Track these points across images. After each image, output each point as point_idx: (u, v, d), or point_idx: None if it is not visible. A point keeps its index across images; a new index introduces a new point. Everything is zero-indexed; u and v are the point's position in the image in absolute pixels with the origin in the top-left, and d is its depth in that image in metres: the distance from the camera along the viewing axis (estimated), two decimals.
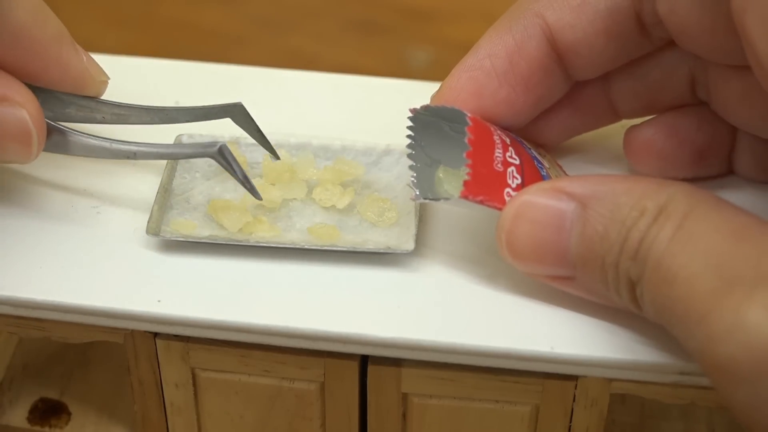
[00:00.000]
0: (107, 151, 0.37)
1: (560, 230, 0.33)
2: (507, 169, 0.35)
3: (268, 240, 0.37)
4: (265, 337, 0.35)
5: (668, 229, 0.31)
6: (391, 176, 0.40)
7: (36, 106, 0.34)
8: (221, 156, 0.37)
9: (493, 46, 0.37)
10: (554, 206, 0.33)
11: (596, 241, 0.33)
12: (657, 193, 0.32)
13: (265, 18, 0.79)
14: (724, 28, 0.35)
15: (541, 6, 0.37)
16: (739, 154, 0.40)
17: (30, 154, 0.35)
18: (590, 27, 0.37)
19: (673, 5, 0.36)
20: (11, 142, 0.34)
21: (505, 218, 0.34)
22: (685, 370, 0.34)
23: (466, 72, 0.38)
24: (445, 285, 0.36)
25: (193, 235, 0.38)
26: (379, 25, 0.79)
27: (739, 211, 0.31)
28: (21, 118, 0.34)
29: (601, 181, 0.33)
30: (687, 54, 0.38)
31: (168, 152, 0.38)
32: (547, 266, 0.34)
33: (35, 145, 0.34)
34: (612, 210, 0.32)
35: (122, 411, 0.42)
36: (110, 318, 0.36)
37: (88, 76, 0.37)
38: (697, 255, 0.30)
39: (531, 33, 0.37)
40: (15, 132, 0.34)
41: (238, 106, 0.38)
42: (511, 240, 0.34)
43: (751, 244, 0.30)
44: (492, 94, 0.37)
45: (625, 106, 0.40)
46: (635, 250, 0.31)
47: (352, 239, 0.38)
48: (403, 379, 0.36)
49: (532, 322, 0.35)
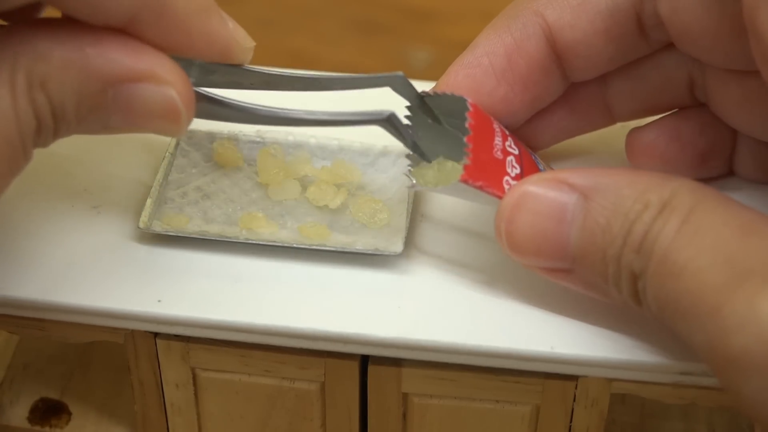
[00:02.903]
0: (260, 118, 0.35)
1: (561, 222, 0.33)
2: (506, 158, 0.35)
3: (257, 237, 0.37)
4: (266, 337, 0.35)
5: (674, 223, 0.31)
6: (387, 178, 0.40)
7: (184, 82, 0.33)
8: (390, 124, 0.35)
9: (492, 44, 0.37)
10: (555, 197, 0.33)
11: (598, 234, 0.32)
12: (661, 186, 0.32)
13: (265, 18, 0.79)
14: (727, 31, 0.35)
15: (541, 5, 0.37)
16: (740, 155, 0.40)
17: (179, 130, 0.33)
18: (590, 27, 0.37)
19: (675, 7, 0.35)
20: (159, 120, 0.33)
21: (504, 207, 0.34)
22: (686, 370, 0.34)
23: (463, 69, 0.37)
24: (444, 285, 0.36)
25: (186, 230, 0.38)
26: (379, 25, 0.79)
27: (743, 207, 0.31)
28: (169, 96, 0.32)
29: (603, 173, 0.33)
30: (685, 57, 0.38)
31: (333, 119, 0.36)
32: (546, 258, 0.34)
33: (184, 121, 0.33)
34: (615, 202, 0.32)
35: (122, 411, 0.42)
36: (110, 318, 0.36)
37: (235, 45, 0.35)
38: (705, 248, 0.30)
39: (530, 32, 0.37)
40: (163, 111, 0.32)
41: (399, 76, 0.36)
42: (511, 230, 0.34)
43: (759, 238, 0.30)
44: (489, 93, 0.37)
45: (622, 108, 0.40)
46: (639, 243, 0.31)
47: (343, 239, 0.38)
48: (404, 379, 0.36)
49: (532, 322, 0.35)
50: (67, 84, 0.31)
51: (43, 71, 0.31)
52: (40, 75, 0.31)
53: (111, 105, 0.32)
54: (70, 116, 0.32)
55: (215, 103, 0.35)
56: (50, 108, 0.31)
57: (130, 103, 0.32)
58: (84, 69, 0.31)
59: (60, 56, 0.31)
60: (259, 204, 0.39)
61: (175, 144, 0.41)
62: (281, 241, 0.37)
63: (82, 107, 0.32)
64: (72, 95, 0.31)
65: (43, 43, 0.31)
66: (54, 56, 0.31)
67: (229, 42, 0.34)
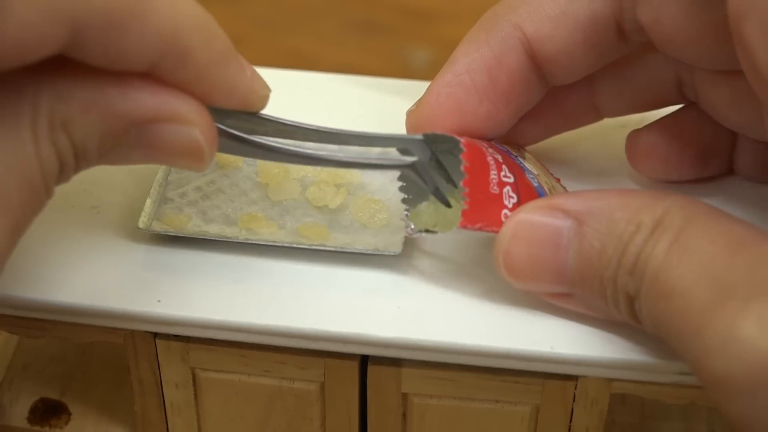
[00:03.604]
0: (284, 156, 0.35)
1: (557, 247, 0.33)
2: (503, 190, 0.35)
3: (257, 237, 0.37)
4: (266, 337, 0.35)
5: (664, 243, 0.31)
6: (386, 178, 0.40)
7: (208, 122, 0.33)
8: (414, 170, 0.36)
9: (472, 60, 0.37)
10: (550, 223, 0.33)
11: (593, 257, 0.33)
12: (653, 207, 0.32)
13: (265, 18, 0.79)
14: (711, 37, 0.34)
15: (519, 17, 0.37)
16: (740, 154, 0.40)
17: (202, 167, 0.33)
18: (570, 38, 0.36)
19: (657, 15, 0.35)
20: (182, 158, 0.33)
21: (502, 238, 0.34)
22: (685, 370, 0.34)
23: (445, 88, 0.37)
24: (444, 286, 0.36)
25: (185, 230, 0.38)
26: (379, 25, 0.79)
27: (735, 223, 0.31)
28: (193, 136, 0.32)
29: (596, 196, 0.33)
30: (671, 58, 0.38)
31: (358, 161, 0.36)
32: (546, 284, 0.34)
33: (207, 159, 0.33)
34: (608, 225, 0.32)
35: (122, 411, 0.42)
36: (110, 318, 0.36)
37: (253, 93, 0.34)
38: (693, 267, 0.30)
39: (509, 45, 0.37)
40: (186, 150, 0.32)
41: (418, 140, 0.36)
42: (509, 260, 0.34)
43: (745, 255, 0.30)
44: (473, 110, 0.37)
45: (609, 106, 0.40)
46: (632, 265, 0.31)
47: (342, 239, 0.38)
48: (403, 379, 0.36)
49: (532, 322, 0.35)
50: (90, 125, 0.31)
51: (64, 113, 0.30)
52: (61, 117, 0.30)
53: (133, 143, 0.32)
54: (91, 155, 0.31)
55: (238, 140, 0.35)
56: (72, 150, 0.31)
57: (154, 142, 0.32)
58: (106, 110, 0.31)
59: (82, 97, 0.30)
60: (259, 204, 0.39)
61: None
62: (281, 241, 0.37)
63: (105, 146, 0.31)
64: (94, 136, 0.31)
65: (63, 83, 0.30)
66: (75, 97, 0.30)
67: (248, 90, 0.34)
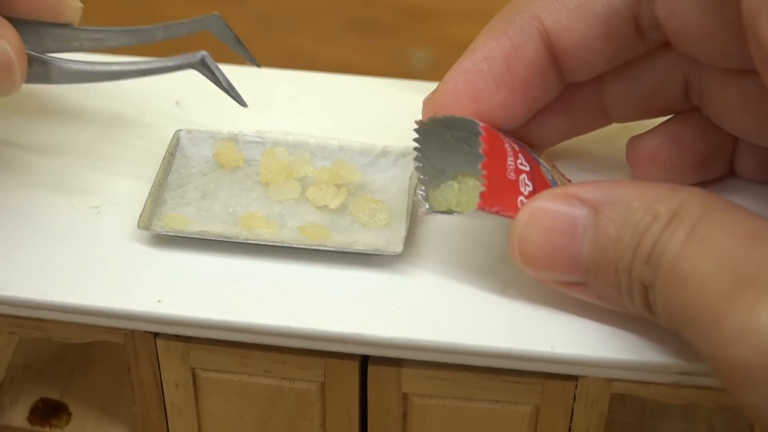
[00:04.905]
0: (89, 75, 0.37)
1: (573, 236, 0.33)
2: (519, 177, 0.35)
3: (257, 237, 0.37)
4: (266, 337, 0.35)
5: (681, 233, 0.31)
6: (387, 178, 0.40)
7: (15, 36, 0.34)
8: (203, 66, 0.36)
9: (490, 49, 0.37)
10: (567, 212, 0.33)
11: (609, 247, 0.33)
12: (670, 198, 0.32)
13: (265, 18, 0.79)
14: (725, 32, 0.35)
15: (537, 8, 0.37)
16: (741, 157, 0.40)
17: (13, 83, 0.35)
18: (587, 30, 0.37)
19: (673, 9, 0.35)
20: None
21: (517, 225, 0.34)
22: (686, 370, 0.34)
23: (462, 75, 0.37)
24: (444, 285, 0.36)
25: (185, 230, 0.38)
26: (379, 25, 0.79)
27: (751, 215, 0.31)
28: (2, 49, 0.34)
29: (613, 186, 0.33)
30: (682, 59, 0.38)
31: (151, 68, 0.37)
32: (560, 272, 0.34)
33: (17, 74, 0.34)
34: (625, 215, 0.32)
35: (122, 411, 0.42)
36: (110, 318, 0.36)
37: (64, 3, 0.37)
38: (710, 258, 0.30)
39: (528, 36, 0.37)
40: None
41: (215, 17, 0.38)
42: (524, 246, 0.34)
43: (763, 247, 0.30)
44: (489, 98, 0.37)
45: (618, 110, 0.40)
46: (648, 255, 0.31)
47: (343, 239, 0.38)
48: (404, 379, 0.36)
49: (532, 322, 0.35)
50: None
51: None
52: None
53: None
54: None
55: (45, 64, 0.36)
56: None
57: None
58: None
59: None
60: (259, 204, 0.39)
61: (174, 144, 0.41)
62: (281, 241, 0.37)
63: None
64: None
65: None
66: None
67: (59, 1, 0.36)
